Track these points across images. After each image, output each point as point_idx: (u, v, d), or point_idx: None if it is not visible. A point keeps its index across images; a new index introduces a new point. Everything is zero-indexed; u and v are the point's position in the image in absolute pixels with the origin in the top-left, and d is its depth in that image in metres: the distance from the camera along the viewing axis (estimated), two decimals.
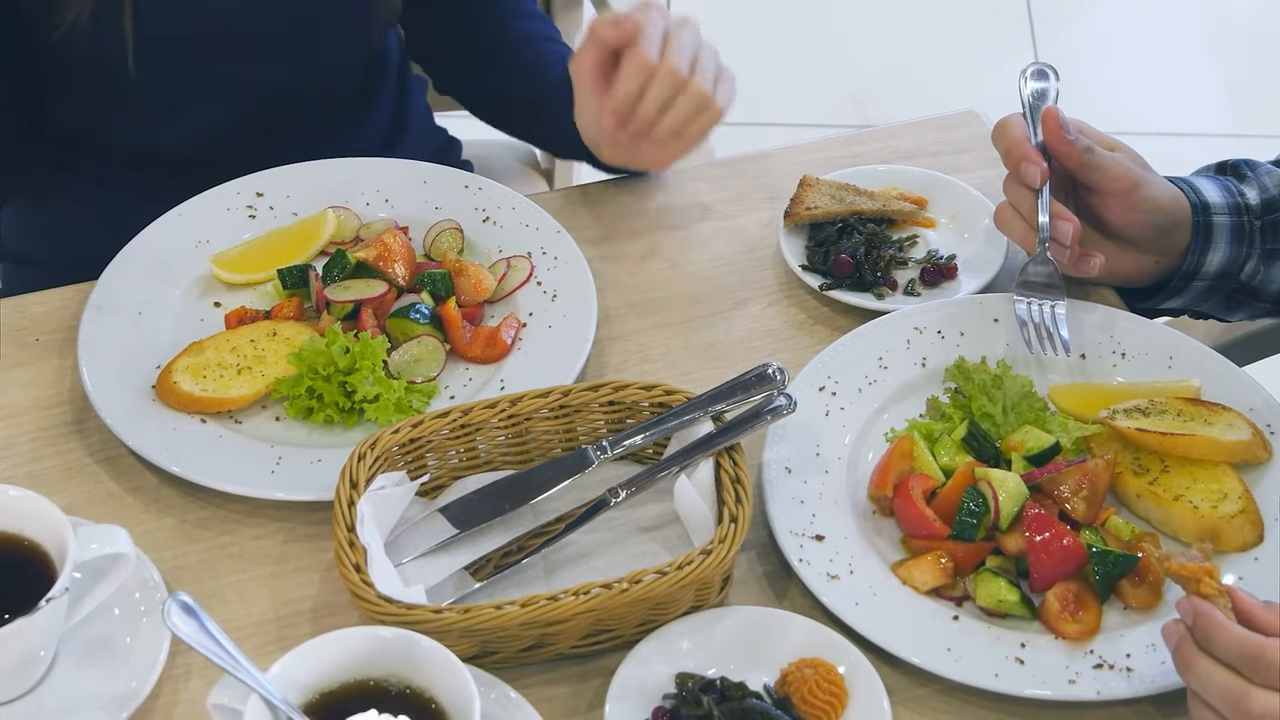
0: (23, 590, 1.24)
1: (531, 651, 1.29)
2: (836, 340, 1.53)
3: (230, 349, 1.51)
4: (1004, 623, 1.32)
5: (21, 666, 1.27)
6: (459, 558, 1.37)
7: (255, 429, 1.48)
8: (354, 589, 1.26)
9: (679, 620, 1.30)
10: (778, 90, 3.81)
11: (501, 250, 1.63)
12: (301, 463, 1.44)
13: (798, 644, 1.29)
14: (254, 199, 1.68)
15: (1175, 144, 3.65)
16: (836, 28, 4.01)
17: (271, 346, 1.51)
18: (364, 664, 1.19)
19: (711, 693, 1.25)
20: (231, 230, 1.65)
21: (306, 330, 1.53)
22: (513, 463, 1.44)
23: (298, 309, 1.57)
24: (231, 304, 1.59)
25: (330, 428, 1.48)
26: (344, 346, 1.46)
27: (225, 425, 1.48)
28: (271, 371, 1.49)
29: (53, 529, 1.27)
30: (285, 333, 1.53)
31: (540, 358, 1.53)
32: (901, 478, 1.40)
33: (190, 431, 1.46)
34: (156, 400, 1.48)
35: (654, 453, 1.43)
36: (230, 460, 1.44)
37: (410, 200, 1.69)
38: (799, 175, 1.69)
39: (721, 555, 1.27)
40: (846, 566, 1.35)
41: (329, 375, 1.46)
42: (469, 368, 1.54)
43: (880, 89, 3.81)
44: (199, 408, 1.47)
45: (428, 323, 1.54)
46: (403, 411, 1.46)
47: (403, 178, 1.71)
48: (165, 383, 1.49)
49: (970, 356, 1.50)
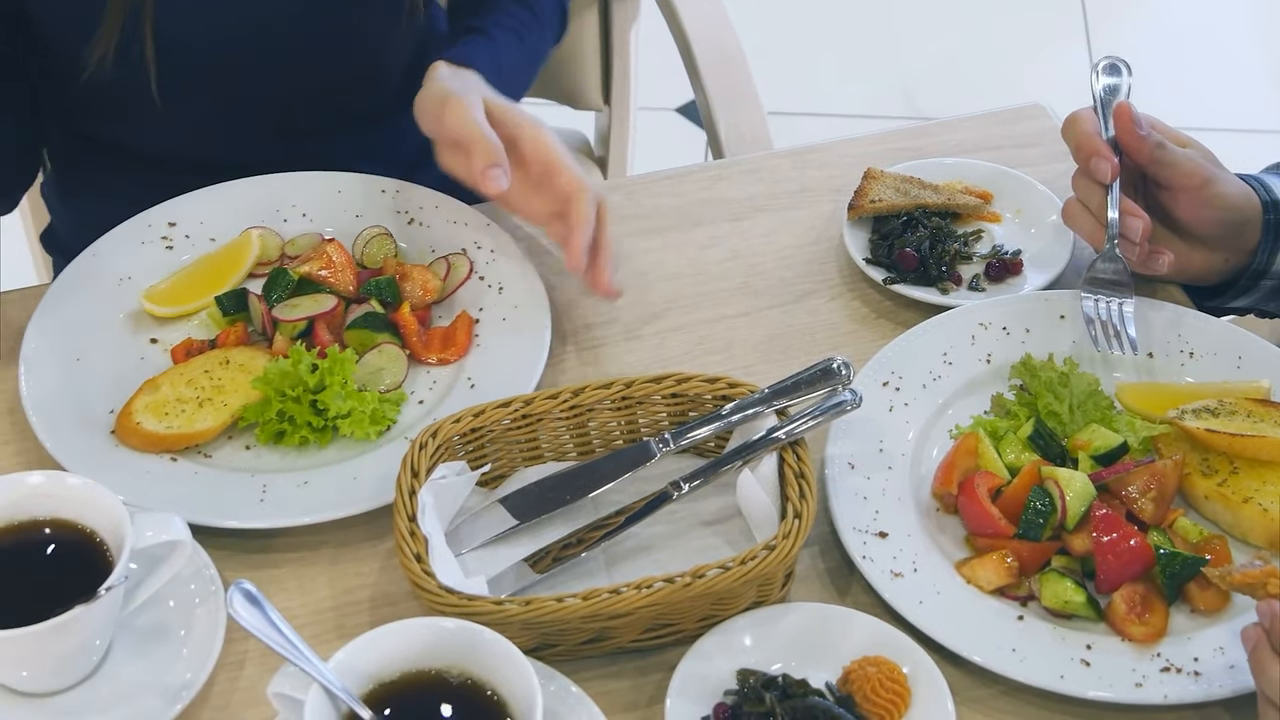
0: (80, 578, 1.23)
1: (591, 645, 1.28)
2: (900, 335, 1.51)
3: (186, 382, 1.48)
4: (1069, 624, 1.31)
5: (78, 655, 1.27)
6: (519, 549, 1.36)
7: (228, 460, 1.45)
8: (415, 579, 1.25)
9: (741, 616, 1.29)
10: (829, 81, 3.79)
11: (435, 250, 1.61)
12: (288, 486, 1.41)
13: (860, 642, 1.27)
14: (167, 229, 1.64)
15: (1226, 139, 3.61)
16: (889, 19, 3.99)
17: (227, 375, 1.48)
18: (425, 654, 1.19)
19: (773, 690, 1.23)
20: (150, 263, 1.61)
21: (258, 354, 1.50)
22: (574, 454, 1.43)
23: (243, 334, 1.54)
24: (167, 338, 1.56)
25: (305, 450, 1.45)
26: (311, 364, 1.44)
27: (196, 461, 1.44)
28: (233, 400, 1.46)
29: (110, 517, 1.26)
30: (238, 359, 1.50)
31: (501, 352, 1.51)
32: (966, 475, 1.38)
33: (163, 472, 1.43)
34: (119, 444, 1.45)
35: (716, 446, 1.42)
36: (214, 495, 1.41)
37: (329, 211, 1.66)
38: (862, 168, 1.67)
39: (785, 551, 1.26)
40: (910, 564, 1.34)
41: (298, 396, 1.43)
42: (430, 370, 1.52)
43: (932, 81, 3.79)
44: (166, 445, 1.44)
45: (386, 330, 1.52)
46: (378, 423, 1.45)
47: (317, 190, 1.67)
48: (127, 424, 1.45)
49: (1036, 353, 1.48)
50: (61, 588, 1.23)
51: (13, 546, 1.27)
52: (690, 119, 3.70)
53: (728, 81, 2.06)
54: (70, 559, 1.26)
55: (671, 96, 3.70)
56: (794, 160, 1.76)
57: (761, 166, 1.76)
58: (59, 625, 1.20)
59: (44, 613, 1.20)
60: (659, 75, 2.51)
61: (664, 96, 3.67)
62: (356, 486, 1.40)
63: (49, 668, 1.26)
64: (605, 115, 2.31)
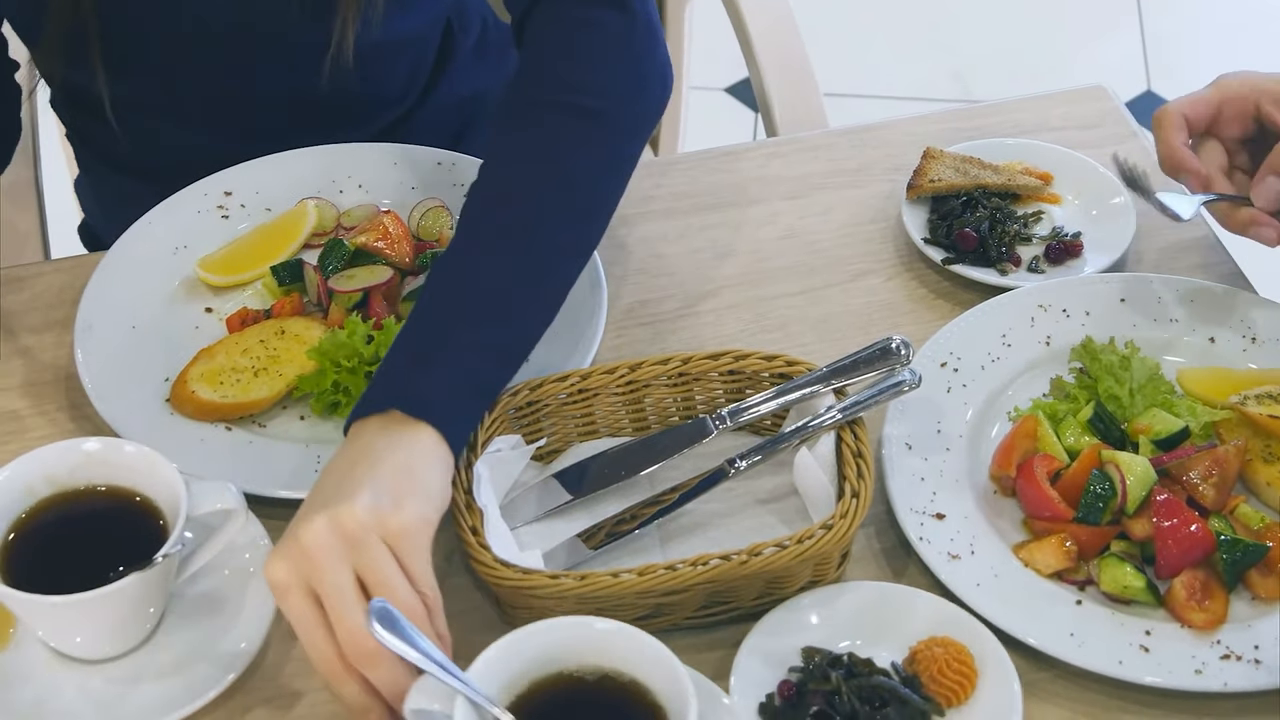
0: (135, 545, 1.23)
1: (646, 621, 1.27)
2: (959, 316, 1.50)
3: (241, 352, 1.48)
4: (1128, 609, 1.29)
5: (132, 621, 1.27)
6: (573, 524, 1.35)
7: (282, 430, 1.45)
8: (471, 552, 1.24)
9: (806, 593, 1.28)
10: (881, 63, 3.78)
11: None
12: None
13: (927, 622, 1.26)
14: (223, 198, 1.64)
15: None
16: (941, 1, 3.97)
17: (283, 345, 1.48)
18: (553, 657, 1.16)
19: (839, 668, 1.23)
20: (206, 232, 1.61)
21: (314, 324, 1.50)
22: (629, 430, 1.42)
23: (298, 304, 1.54)
24: (222, 307, 1.56)
25: None
26: (366, 335, 1.43)
27: (250, 430, 1.44)
28: (289, 370, 1.46)
29: (166, 485, 1.26)
30: (293, 329, 1.49)
31: (556, 327, 1.47)
32: (1025, 458, 1.37)
33: (218, 440, 1.43)
34: (174, 413, 1.45)
35: (772, 424, 1.41)
36: (268, 465, 1.40)
37: (384, 183, 1.65)
38: (920, 147, 1.66)
39: (842, 531, 1.25)
40: (968, 546, 1.32)
41: (353, 367, 1.43)
42: None
43: (984, 65, 3.76)
44: (221, 414, 1.44)
45: None
46: None
47: (373, 161, 1.67)
48: (182, 392, 1.45)
49: (1096, 336, 1.47)
50: (116, 554, 1.22)
51: (68, 513, 1.26)
52: (739, 99, 3.68)
53: (783, 59, 2.04)
54: (125, 526, 1.26)
55: (720, 76, 3.69)
56: (851, 139, 1.75)
57: (819, 145, 1.74)
58: (113, 592, 1.20)
59: (99, 579, 1.20)
60: (708, 55, 2.50)
61: (713, 76, 3.66)
62: None
63: (103, 634, 1.26)
64: None
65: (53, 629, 1.25)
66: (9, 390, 1.50)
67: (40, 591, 1.18)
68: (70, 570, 1.22)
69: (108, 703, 1.25)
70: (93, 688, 1.25)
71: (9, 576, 1.21)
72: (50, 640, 1.26)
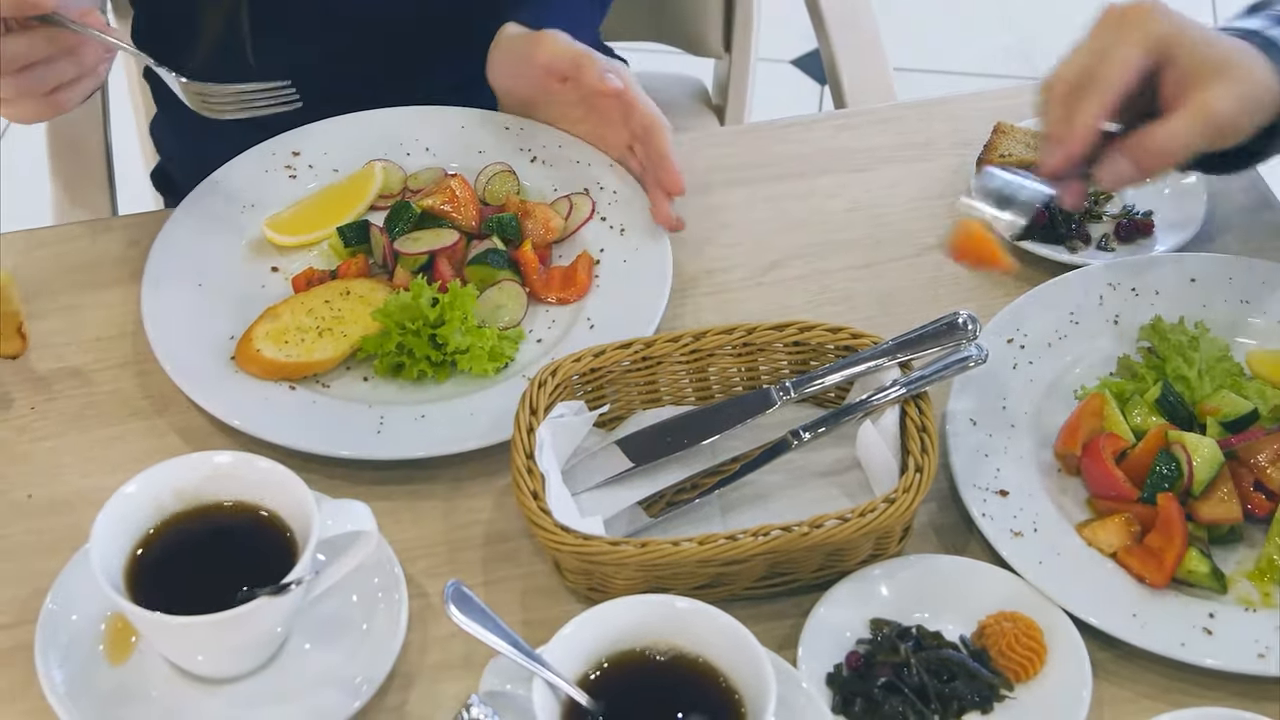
0: (263, 563, 1.20)
1: (704, 591, 1.27)
2: (1026, 292, 1.49)
3: (306, 311, 1.48)
4: (1191, 591, 1.28)
5: (256, 644, 1.23)
6: (633, 492, 1.35)
7: (346, 391, 1.44)
8: (531, 516, 1.24)
9: (874, 565, 1.28)
10: (945, 39, 3.75)
11: (557, 189, 1.60)
12: (405, 420, 1.40)
13: (996, 597, 1.26)
14: (291, 158, 1.64)
15: None
16: None
17: (347, 306, 1.48)
18: (626, 636, 1.15)
19: (908, 640, 1.22)
20: (273, 191, 1.61)
21: (379, 286, 1.50)
22: (692, 399, 1.41)
23: (364, 265, 1.54)
24: (288, 266, 1.56)
25: (422, 383, 1.45)
26: (431, 298, 1.43)
27: (314, 390, 1.44)
28: (353, 331, 1.46)
29: (296, 502, 1.22)
30: (358, 290, 1.49)
31: (621, 294, 1.50)
32: (1091, 437, 1.36)
33: (282, 400, 1.42)
34: (239, 371, 1.45)
35: (835, 396, 1.41)
36: (332, 424, 1.40)
37: (452, 147, 1.65)
38: (989, 122, 1.65)
39: (905, 505, 1.24)
40: (1030, 524, 1.31)
41: (418, 329, 1.42)
42: (549, 309, 1.51)
43: (1047, 40, 3.73)
44: (285, 373, 1.44)
45: (507, 267, 1.51)
46: (496, 360, 1.44)
47: (439, 125, 1.67)
48: (247, 351, 1.45)
49: (1165, 316, 1.45)
50: (244, 572, 1.19)
51: (196, 528, 1.23)
52: (805, 71, 3.66)
53: (853, 31, 2.03)
54: (253, 543, 1.22)
55: (787, 48, 3.67)
56: (920, 112, 1.73)
57: (888, 117, 1.73)
58: (241, 615, 1.16)
59: (225, 598, 1.16)
60: (775, 26, 2.48)
61: (780, 48, 3.64)
62: (473, 422, 1.40)
63: (227, 655, 1.23)
64: (725, 63, 2.29)
65: (176, 647, 1.22)
66: (75, 345, 1.50)
67: (166, 608, 1.15)
68: (196, 587, 1.19)
69: None
70: (211, 709, 1.22)
71: (135, 593, 1.18)
72: (172, 657, 1.23)
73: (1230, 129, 1.31)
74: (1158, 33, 1.30)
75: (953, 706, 1.21)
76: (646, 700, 1.15)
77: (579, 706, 1.12)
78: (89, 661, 1.24)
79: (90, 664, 1.24)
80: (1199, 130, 1.29)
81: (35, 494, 1.38)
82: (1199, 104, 1.29)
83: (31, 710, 1.22)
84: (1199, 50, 1.30)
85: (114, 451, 1.42)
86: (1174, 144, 1.29)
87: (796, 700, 1.18)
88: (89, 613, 1.26)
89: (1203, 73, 1.29)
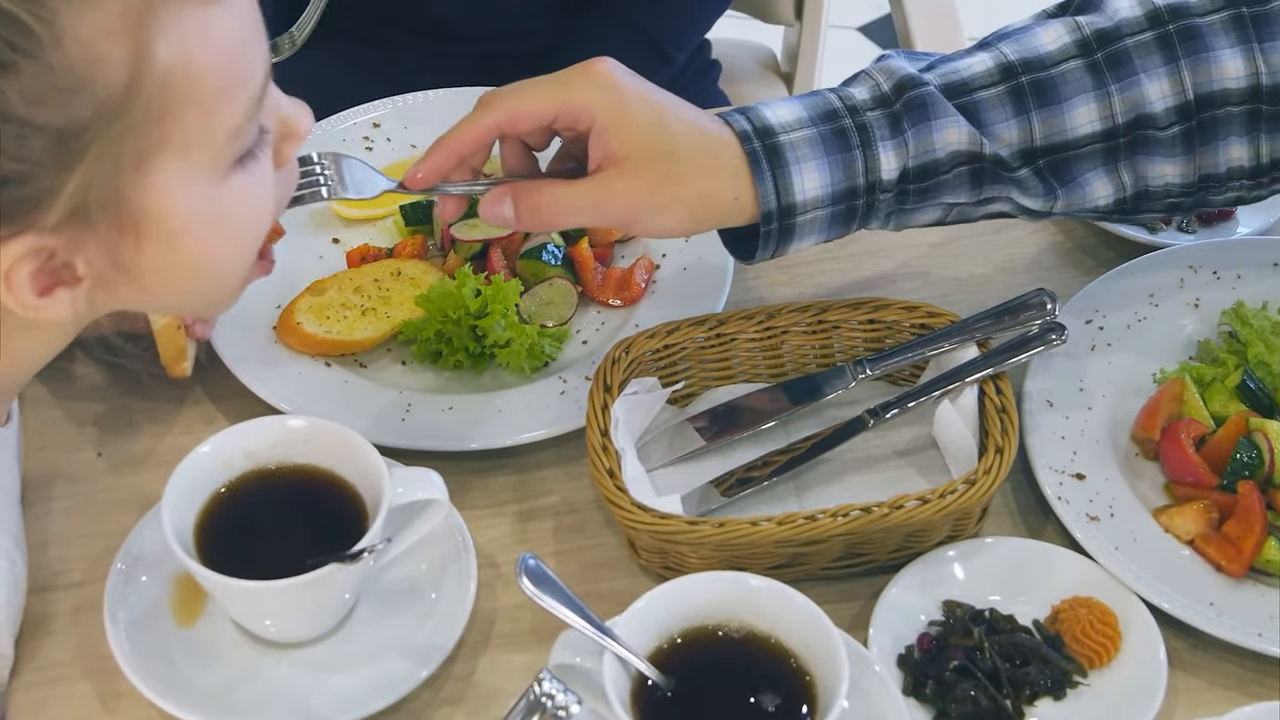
0: (332, 528, 1.19)
1: (779, 570, 1.26)
2: (1106, 273, 1.47)
3: (354, 289, 1.46)
4: (1270, 580, 1.27)
5: (325, 609, 1.23)
6: (706, 470, 1.34)
7: (381, 373, 1.43)
8: (608, 494, 1.23)
9: (948, 546, 1.27)
10: (1022, 10, 3.70)
11: None
12: (432, 410, 1.38)
13: (1071, 582, 1.25)
14: (370, 130, 1.63)
15: None
16: None
17: (396, 287, 1.46)
18: (698, 612, 1.14)
19: (980, 623, 1.21)
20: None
21: (432, 270, 1.48)
22: (765, 376, 1.40)
23: (421, 247, 1.52)
24: (350, 239, 1.54)
25: (459, 373, 1.43)
26: (475, 289, 1.41)
27: (350, 369, 1.42)
28: (397, 313, 1.44)
29: (367, 469, 1.21)
30: (410, 272, 1.48)
31: (675, 301, 1.46)
32: (1170, 421, 1.34)
33: (314, 375, 1.41)
34: (278, 342, 1.43)
35: (910, 375, 1.39)
36: (358, 406, 1.38)
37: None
38: None
39: (985, 486, 1.23)
40: (1107, 508, 1.30)
41: (459, 319, 1.40)
42: (600, 311, 1.49)
43: None
44: (322, 349, 1.42)
45: (559, 264, 1.48)
46: (535, 358, 1.41)
47: None
48: (287, 323, 1.43)
49: (1248, 300, 1.43)
50: (313, 537, 1.19)
51: (265, 490, 1.23)
52: (872, 39, 3.63)
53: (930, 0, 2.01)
54: (322, 508, 1.22)
55: (855, 15, 3.64)
56: None
57: None
58: (312, 580, 1.15)
59: (294, 561, 1.16)
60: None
61: (847, 14, 3.61)
62: (500, 420, 1.38)
63: (296, 619, 1.23)
64: (795, 31, 2.27)
65: (245, 611, 1.22)
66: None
67: (235, 571, 1.15)
68: (266, 551, 1.20)
69: (295, 693, 1.21)
70: (279, 674, 1.22)
71: (204, 554, 1.18)
72: (240, 620, 1.23)
73: (634, 224, 1.24)
74: (600, 101, 1.21)
75: (1025, 692, 1.19)
76: (717, 678, 1.14)
77: (650, 682, 1.11)
78: (157, 622, 1.24)
79: (158, 625, 1.24)
80: (587, 209, 1.22)
81: (105, 452, 1.38)
82: (601, 183, 1.21)
83: (99, 670, 1.23)
84: (637, 133, 1.21)
85: (184, 412, 1.42)
86: (557, 208, 1.22)
87: (868, 682, 1.17)
88: (158, 574, 1.26)
89: (628, 154, 1.21)
